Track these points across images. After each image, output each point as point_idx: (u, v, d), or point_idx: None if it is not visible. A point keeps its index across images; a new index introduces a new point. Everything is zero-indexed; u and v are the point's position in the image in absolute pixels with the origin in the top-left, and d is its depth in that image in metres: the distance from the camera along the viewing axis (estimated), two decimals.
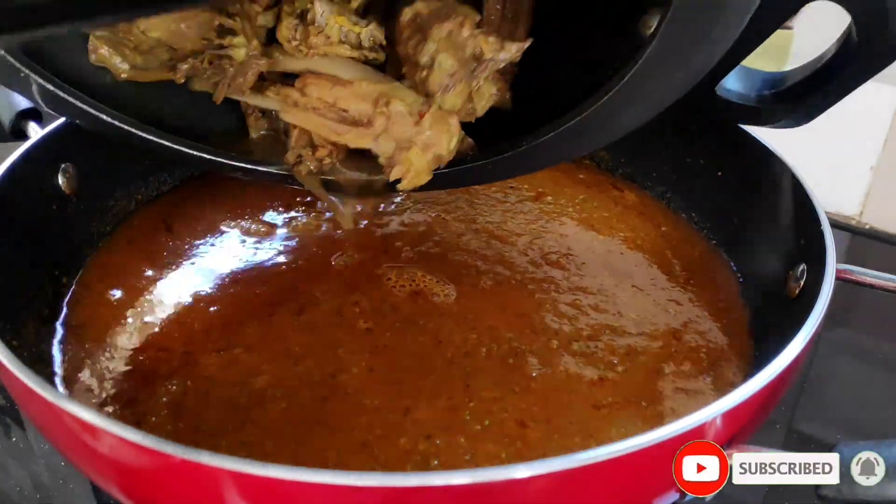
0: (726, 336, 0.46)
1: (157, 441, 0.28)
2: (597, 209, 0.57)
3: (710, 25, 0.31)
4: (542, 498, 0.28)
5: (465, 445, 0.37)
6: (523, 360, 0.42)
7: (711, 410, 0.31)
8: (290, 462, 0.27)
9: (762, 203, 0.53)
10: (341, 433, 0.38)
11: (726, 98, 0.47)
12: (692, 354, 0.44)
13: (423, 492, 0.27)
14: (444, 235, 0.52)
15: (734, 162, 0.56)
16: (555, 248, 0.52)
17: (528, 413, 0.39)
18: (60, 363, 0.42)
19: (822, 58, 0.45)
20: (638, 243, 0.54)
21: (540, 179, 0.60)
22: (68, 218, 0.51)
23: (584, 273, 0.50)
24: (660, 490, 0.33)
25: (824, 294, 0.38)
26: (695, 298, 0.49)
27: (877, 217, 0.72)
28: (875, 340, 0.59)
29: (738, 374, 0.43)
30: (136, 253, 0.50)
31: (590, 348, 0.44)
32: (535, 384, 0.41)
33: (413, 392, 0.40)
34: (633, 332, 0.45)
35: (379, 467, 0.36)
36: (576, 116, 0.36)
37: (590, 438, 0.38)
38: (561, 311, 0.46)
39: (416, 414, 0.39)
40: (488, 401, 0.40)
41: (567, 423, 0.39)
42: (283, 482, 0.27)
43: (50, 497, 0.44)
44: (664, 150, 0.62)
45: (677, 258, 0.53)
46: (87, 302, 0.46)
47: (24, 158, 0.47)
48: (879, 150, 0.69)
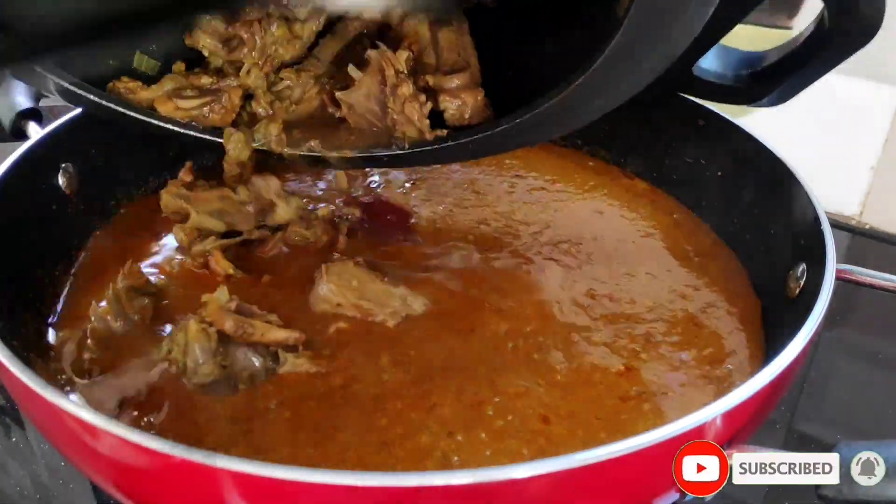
0: (742, 322, 0.46)
1: (157, 441, 0.28)
2: (607, 196, 0.57)
3: (681, 4, 0.31)
4: (542, 498, 0.28)
5: (487, 441, 0.37)
6: (547, 354, 0.42)
7: (711, 410, 0.31)
8: (307, 461, 0.27)
9: (762, 203, 0.53)
10: (361, 432, 0.37)
11: (703, 77, 0.47)
12: (713, 340, 0.44)
13: (423, 492, 0.27)
14: (455, 229, 0.52)
15: (734, 162, 0.56)
16: (566, 237, 0.52)
17: (552, 408, 0.39)
18: (61, 363, 0.42)
19: (797, 39, 0.45)
20: (649, 231, 0.54)
21: (549, 167, 0.60)
22: (68, 218, 0.51)
23: (595, 262, 0.50)
24: (660, 490, 0.33)
25: (824, 294, 0.38)
26: (711, 283, 0.49)
27: (877, 217, 0.72)
28: (875, 340, 0.59)
29: (754, 362, 0.43)
30: (136, 253, 0.50)
31: (612, 338, 0.43)
32: (561, 378, 0.41)
33: (440, 389, 0.40)
34: (649, 319, 0.45)
35: (399, 465, 0.36)
36: (555, 96, 0.37)
37: (616, 433, 0.38)
38: (579, 302, 0.46)
39: (440, 410, 0.38)
40: (512, 396, 0.39)
41: (593, 419, 0.39)
42: (283, 482, 0.27)
43: (50, 497, 0.44)
44: (664, 150, 0.62)
45: (690, 245, 0.52)
46: (87, 302, 0.46)
47: (24, 158, 0.47)
48: (879, 150, 0.69)
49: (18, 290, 0.44)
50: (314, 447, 0.36)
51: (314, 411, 0.38)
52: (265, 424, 0.38)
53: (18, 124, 0.53)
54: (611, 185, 0.59)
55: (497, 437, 0.37)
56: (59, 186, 0.51)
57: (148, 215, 0.54)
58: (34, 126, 0.52)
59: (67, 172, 0.51)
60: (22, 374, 0.32)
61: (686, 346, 0.43)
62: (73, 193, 0.52)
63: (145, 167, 0.57)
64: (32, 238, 0.48)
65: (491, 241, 0.51)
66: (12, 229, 0.45)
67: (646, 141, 0.61)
